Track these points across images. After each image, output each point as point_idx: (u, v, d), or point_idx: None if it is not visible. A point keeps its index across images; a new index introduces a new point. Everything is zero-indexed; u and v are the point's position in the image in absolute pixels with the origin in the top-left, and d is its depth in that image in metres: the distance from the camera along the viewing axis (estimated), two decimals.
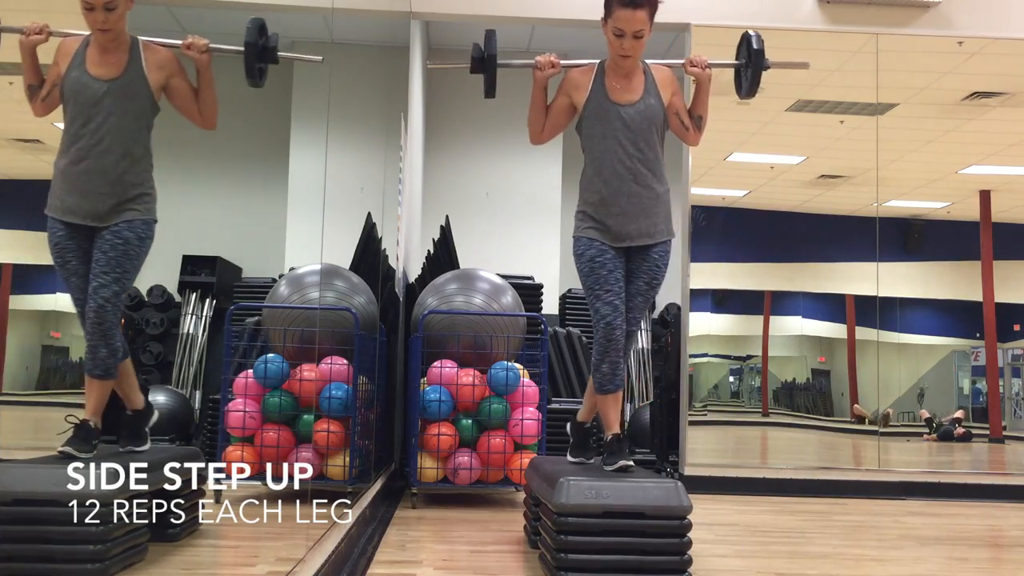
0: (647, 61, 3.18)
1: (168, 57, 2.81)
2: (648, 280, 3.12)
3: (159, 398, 5.00)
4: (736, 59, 3.24)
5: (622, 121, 3.05)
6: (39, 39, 2.67)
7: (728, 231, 6.11)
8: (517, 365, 4.34)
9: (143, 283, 5.36)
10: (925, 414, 7.42)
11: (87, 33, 2.72)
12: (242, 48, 2.80)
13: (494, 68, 3.11)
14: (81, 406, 2.74)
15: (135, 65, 2.75)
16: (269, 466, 3.98)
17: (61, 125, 2.74)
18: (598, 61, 3.17)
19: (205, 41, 2.82)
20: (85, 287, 2.68)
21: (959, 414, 7.55)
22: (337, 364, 4.01)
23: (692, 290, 5.69)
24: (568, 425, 3.37)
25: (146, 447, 2.93)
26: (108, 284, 2.65)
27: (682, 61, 3.16)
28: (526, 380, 4.34)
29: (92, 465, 2.34)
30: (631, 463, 2.93)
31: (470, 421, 4.27)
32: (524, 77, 3.21)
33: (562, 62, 3.12)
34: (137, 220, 2.73)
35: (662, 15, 5.68)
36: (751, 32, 3.21)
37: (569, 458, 3.25)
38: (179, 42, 2.82)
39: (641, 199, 3.05)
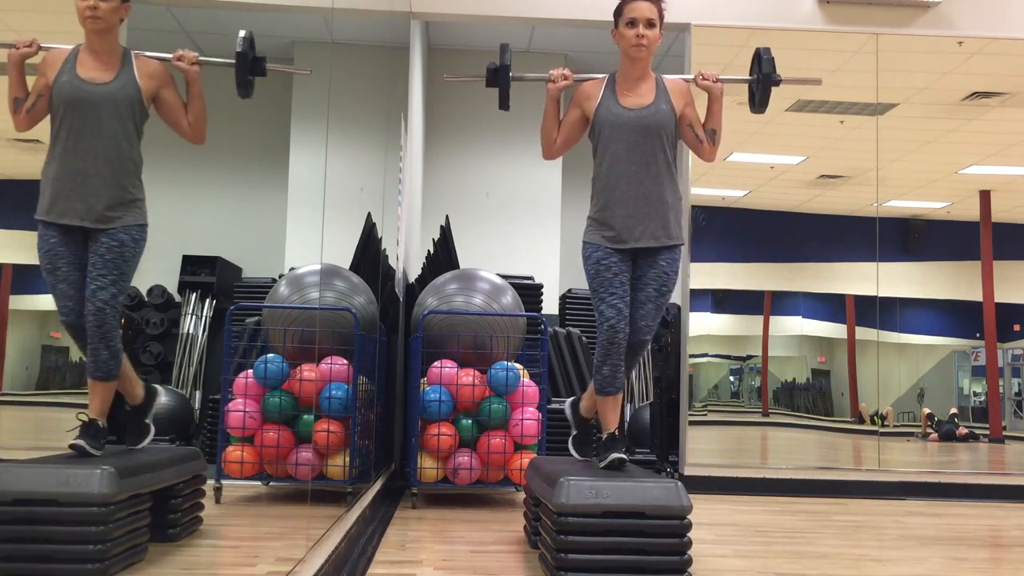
0: (662, 76, 3.20)
1: (159, 68, 2.82)
2: (657, 287, 3.10)
3: (159, 398, 5.01)
4: (749, 75, 3.30)
5: (631, 125, 3.08)
6: (29, 52, 2.66)
7: (728, 231, 6.11)
8: (517, 365, 4.34)
9: (143, 283, 5.36)
10: (954, 411, 7.43)
11: (76, 44, 2.73)
12: (232, 60, 2.81)
13: (508, 81, 3.20)
14: (82, 406, 2.74)
15: (127, 71, 2.75)
16: (269, 466, 3.99)
17: None
18: (609, 73, 3.20)
19: (195, 54, 2.84)
20: (73, 293, 2.67)
21: (953, 410, 7.57)
22: (337, 364, 4.01)
23: (692, 290, 5.70)
24: (569, 410, 3.39)
25: (149, 438, 2.99)
26: (106, 287, 2.65)
27: (692, 76, 3.20)
28: (526, 380, 4.34)
29: (92, 465, 2.34)
30: (624, 456, 2.95)
31: (470, 421, 4.27)
32: (527, 65, 3.25)
33: (574, 76, 3.16)
34: (132, 225, 2.73)
35: None
36: (762, 48, 3.27)
37: (573, 452, 3.29)
38: (169, 55, 2.83)
39: (649, 201, 3.06)
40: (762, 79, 3.22)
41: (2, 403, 3.00)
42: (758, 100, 3.27)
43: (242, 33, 2.82)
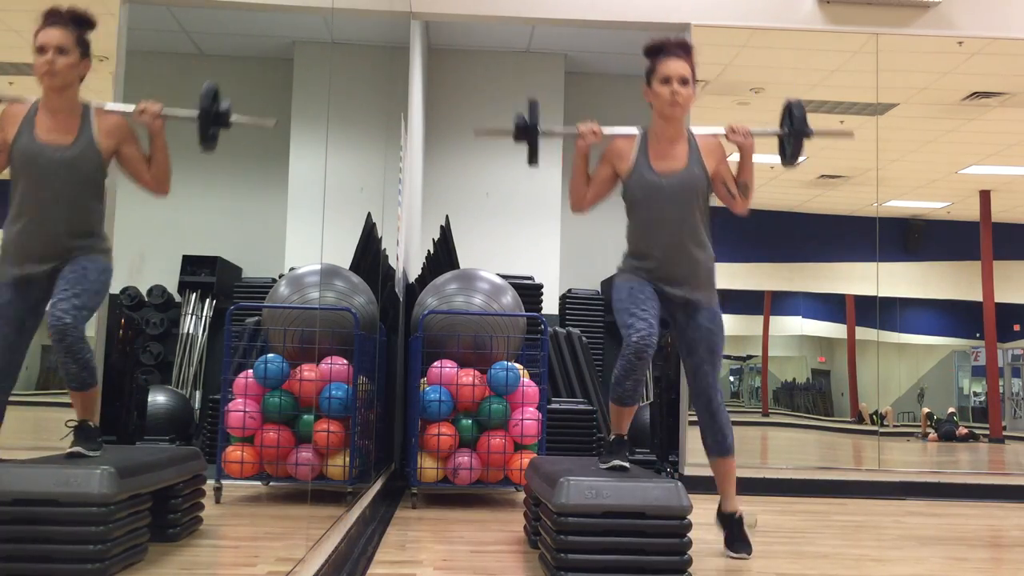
0: (691, 129, 3.20)
1: (120, 124, 2.74)
2: (707, 347, 3.17)
3: (159, 398, 5.01)
4: (780, 127, 3.29)
5: (665, 192, 3.11)
6: None
7: (728, 231, 6.11)
8: (517, 365, 4.34)
9: (143, 283, 5.36)
10: (952, 409, 7.44)
11: (36, 99, 2.67)
12: (196, 113, 2.74)
13: (537, 137, 3.20)
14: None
15: (86, 132, 2.68)
16: (269, 466, 3.99)
17: None
18: (641, 130, 3.20)
19: (158, 107, 2.75)
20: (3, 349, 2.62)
21: (951, 409, 7.58)
22: (337, 364, 4.01)
23: None
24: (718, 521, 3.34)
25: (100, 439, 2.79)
26: (67, 298, 2.58)
27: (723, 131, 3.20)
28: (526, 380, 4.34)
29: (92, 465, 2.34)
30: (626, 464, 2.97)
31: (470, 421, 4.27)
32: (527, 65, 3.25)
33: (604, 130, 3.17)
34: (99, 260, 2.70)
35: (662, 15, 5.72)
36: (792, 100, 3.27)
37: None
38: (132, 108, 2.76)
39: (681, 267, 3.13)
40: (794, 133, 3.22)
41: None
42: (789, 154, 3.28)
43: (205, 86, 2.75)
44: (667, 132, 3.14)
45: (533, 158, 3.24)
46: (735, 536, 3.22)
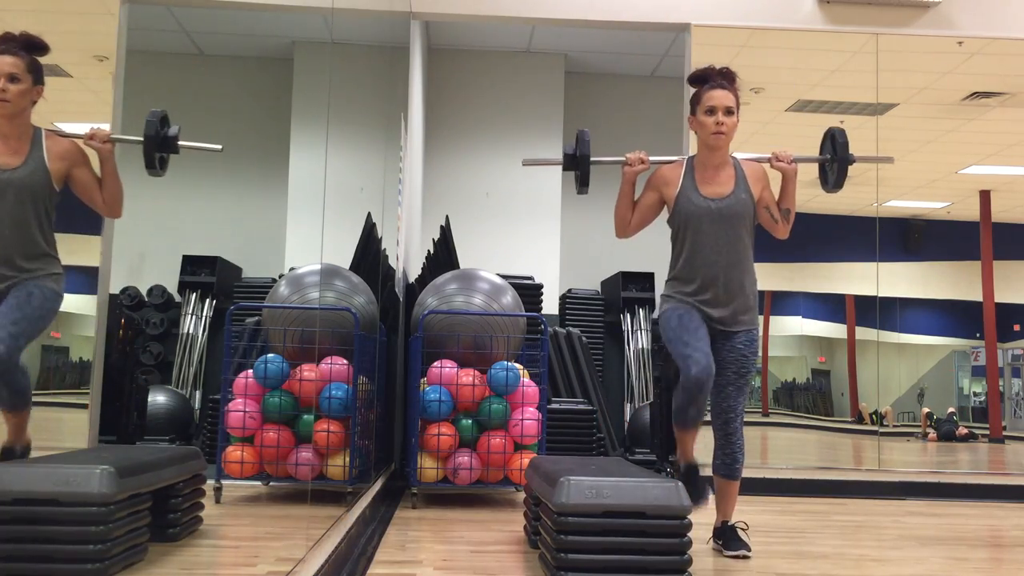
0: (734, 156, 3.26)
1: (70, 148, 2.77)
2: (736, 369, 3.24)
3: (159, 398, 5.01)
4: (821, 153, 3.34)
5: (712, 215, 3.16)
6: None
7: None
8: (517, 365, 4.34)
9: (143, 283, 5.37)
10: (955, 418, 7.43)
11: None
12: (142, 139, 2.80)
13: (588, 166, 3.31)
14: (80, 406, 2.73)
15: (36, 154, 2.69)
16: (269, 466, 3.99)
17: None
18: (687, 157, 3.27)
19: (107, 132, 2.79)
20: None
21: (951, 409, 7.59)
22: (337, 364, 4.01)
23: None
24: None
25: None
26: (4, 326, 2.56)
27: (768, 156, 3.27)
28: (526, 380, 4.34)
29: (92, 465, 2.34)
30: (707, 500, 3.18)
31: (470, 421, 4.27)
32: (527, 65, 3.25)
33: (651, 158, 3.24)
34: (47, 286, 2.69)
35: (662, 15, 5.73)
36: (835, 128, 3.35)
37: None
38: (82, 132, 2.79)
39: (729, 289, 3.19)
40: (838, 161, 3.29)
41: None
42: (832, 181, 3.35)
43: (151, 112, 2.79)
44: (712, 160, 3.20)
45: (584, 186, 3.35)
46: (730, 537, 3.25)
